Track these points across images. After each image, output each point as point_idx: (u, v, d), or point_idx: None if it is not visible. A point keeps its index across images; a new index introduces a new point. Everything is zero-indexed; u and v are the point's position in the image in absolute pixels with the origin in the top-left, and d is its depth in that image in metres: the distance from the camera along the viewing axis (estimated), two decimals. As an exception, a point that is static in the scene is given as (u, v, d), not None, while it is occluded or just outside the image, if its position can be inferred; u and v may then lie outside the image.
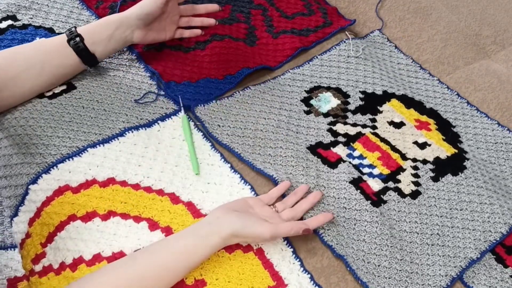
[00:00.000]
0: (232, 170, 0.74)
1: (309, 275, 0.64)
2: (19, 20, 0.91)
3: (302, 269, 0.65)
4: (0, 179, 0.72)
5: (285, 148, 0.77)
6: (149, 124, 0.78)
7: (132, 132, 0.76)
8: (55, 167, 0.69)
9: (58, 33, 0.90)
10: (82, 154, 0.71)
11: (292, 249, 0.66)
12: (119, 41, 0.81)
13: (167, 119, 0.79)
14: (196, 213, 0.68)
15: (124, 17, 0.80)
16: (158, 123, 0.78)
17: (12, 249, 0.68)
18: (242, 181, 0.73)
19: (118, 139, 0.74)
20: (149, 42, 0.85)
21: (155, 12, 0.80)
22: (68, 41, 0.76)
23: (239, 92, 0.85)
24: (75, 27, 0.78)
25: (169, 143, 0.76)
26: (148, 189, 0.70)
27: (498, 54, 1.01)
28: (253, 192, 0.71)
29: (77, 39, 0.76)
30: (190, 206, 0.69)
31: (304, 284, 0.63)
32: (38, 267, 0.64)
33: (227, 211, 0.63)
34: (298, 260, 0.65)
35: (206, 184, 0.72)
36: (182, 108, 0.80)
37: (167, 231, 0.66)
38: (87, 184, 0.69)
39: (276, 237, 0.63)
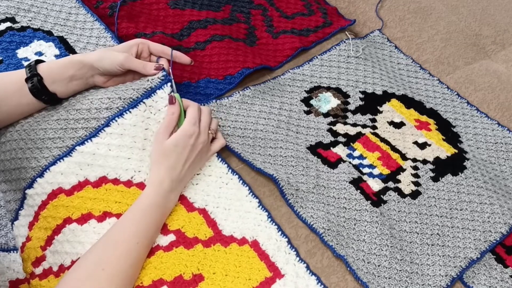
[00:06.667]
0: (225, 165, 0.74)
1: (305, 264, 0.65)
2: (18, 23, 0.90)
3: (298, 258, 0.65)
4: (0, 184, 0.72)
5: (285, 148, 0.77)
6: (134, 104, 0.72)
7: (117, 120, 0.71)
8: (48, 170, 0.68)
9: (56, 36, 0.89)
10: (71, 153, 0.69)
11: (286, 239, 0.67)
12: (80, 82, 0.74)
13: (153, 94, 0.73)
14: (189, 207, 0.69)
15: (87, 59, 0.72)
16: (144, 102, 0.73)
17: (15, 251, 0.68)
18: (241, 181, 0.72)
19: (104, 130, 0.71)
20: (113, 85, 0.77)
21: (114, 72, 0.73)
22: (26, 79, 0.69)
23: (239, 92, 0.85)
24: (36, 63, 0.71)
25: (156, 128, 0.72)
26: (141, 185, 0.69)
27: (498, 54, 1.01)
28: (251, 193, 0.71)
29: (35, 79, 0.69)
30: (183, 200, 0.69)
31: (301, 273, 0.64)
32: (38, 270, 0.64)
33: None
34: (293, 249, 0.66)
35: (197, 175, 0.73)
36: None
37: (163, 228, 0.66)
38: (80, 186, 0.68)
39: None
